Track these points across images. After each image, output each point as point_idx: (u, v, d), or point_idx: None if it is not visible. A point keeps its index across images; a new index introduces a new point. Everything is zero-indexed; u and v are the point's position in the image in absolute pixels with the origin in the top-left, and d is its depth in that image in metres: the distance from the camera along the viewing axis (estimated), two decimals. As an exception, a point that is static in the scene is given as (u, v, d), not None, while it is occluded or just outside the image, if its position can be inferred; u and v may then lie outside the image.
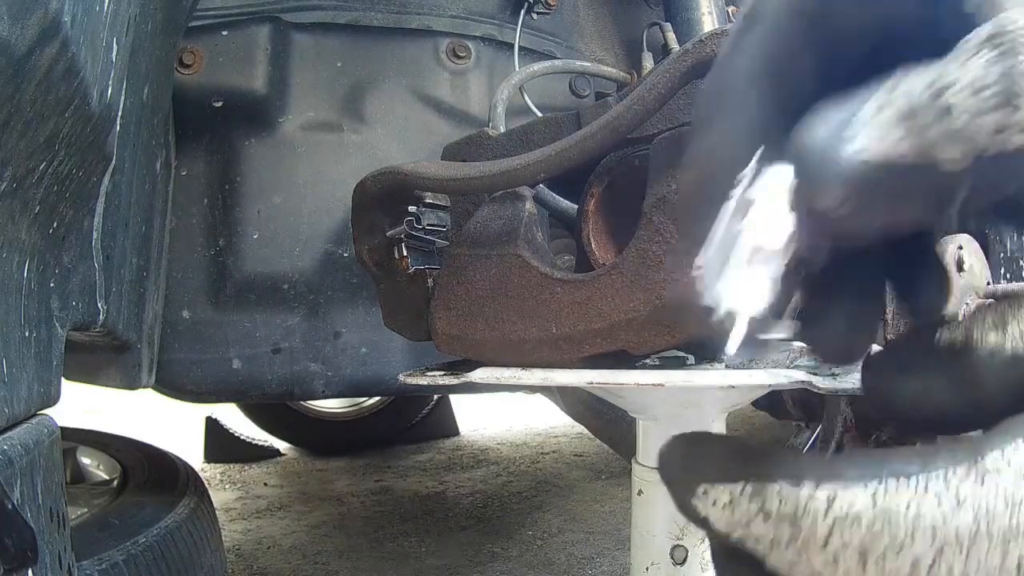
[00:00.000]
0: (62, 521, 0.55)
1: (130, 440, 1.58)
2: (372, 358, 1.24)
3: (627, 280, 0.56)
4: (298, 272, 1.21)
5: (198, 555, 1.14)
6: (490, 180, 0.60)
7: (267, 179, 1.20)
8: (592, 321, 0.57)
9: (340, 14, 1.26)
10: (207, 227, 1.19)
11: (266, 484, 2.82)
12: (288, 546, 2.20)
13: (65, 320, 0.60)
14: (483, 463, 3.00)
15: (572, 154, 0.55)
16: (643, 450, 0.69)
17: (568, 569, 1.99)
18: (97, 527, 1.08)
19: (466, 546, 2.15)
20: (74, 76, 0.50)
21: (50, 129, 0.50)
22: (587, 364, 0.59)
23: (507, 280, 0.62)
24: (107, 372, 0.98)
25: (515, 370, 0.61)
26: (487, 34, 1.32)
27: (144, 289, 0.91)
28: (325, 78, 1.23)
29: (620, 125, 0.53)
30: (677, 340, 0.55)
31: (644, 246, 0.56)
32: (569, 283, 0.59)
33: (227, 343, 1.19)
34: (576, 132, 0.56)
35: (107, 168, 0.64)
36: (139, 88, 0.72)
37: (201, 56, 1.16)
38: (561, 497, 2.55)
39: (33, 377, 0.52)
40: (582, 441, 3.20)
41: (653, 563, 0.67)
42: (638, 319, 0.55)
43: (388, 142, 1.25)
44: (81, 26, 0.49)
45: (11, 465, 0.46)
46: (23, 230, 0.51)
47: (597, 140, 0.54)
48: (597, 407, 1.29)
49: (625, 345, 0.56)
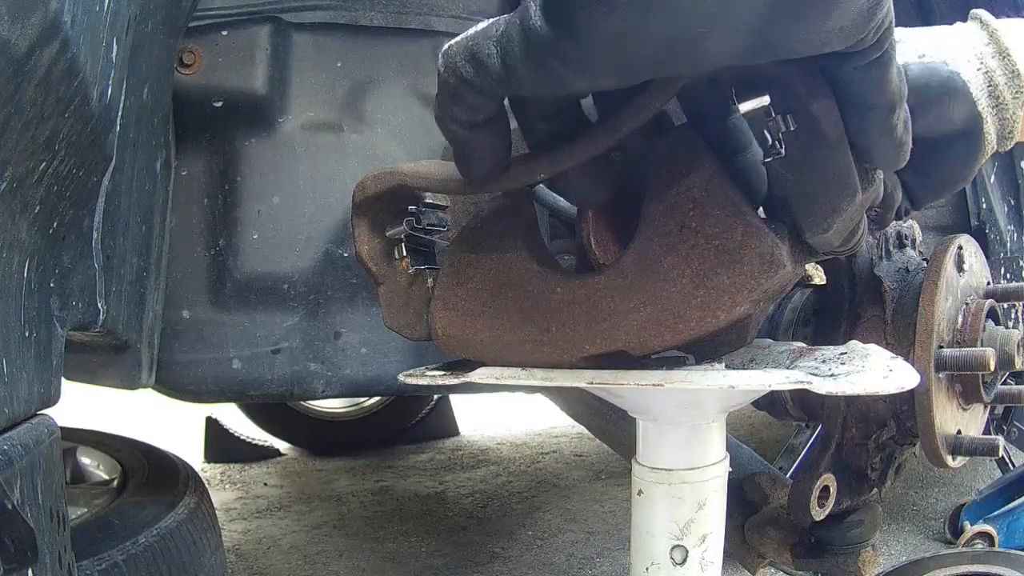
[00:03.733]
0: (62, 521, 0.55)
1: (130, 440, 1.58)
2: (372, 358, 1.24)
3: (628, 281, 0.56)
4: (298, 272, 1.21)
5: (198, 555, 1.14)
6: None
7: (267, 179, 1.20)
8: (592, 321, 0.57)
9: (340, 14, 1.26)
10: (207, 227, 1.19)
11: (266, 484, 2.82)
12: (288, 546, 2.20)
13: (65, 320, 0.60)
14: (483, 463, 3.00)
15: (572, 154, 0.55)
16: (643, 450, 0.69)
17: (568, 569, 1.99)
18: (97, 527, 1.08)
19: (466, 546, 2.15)
20: (74, 76, 0.50)
21: (50, 129, 0.50)
22: (587, 364, 0.59)
23: (508, 280, 0.62)
24: (107, 372, 0.98)
25: (515, 370, 0.61)
26: (487, 34, 1.32)
27: (144, 289, 0.91)
28: (325, 78, 1.23)
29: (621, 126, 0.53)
30: (677, 341, 0.55)
31: (645, 247, 0.56)
32: (569, 283, 0.59)
33: (227, 343, 1.19)
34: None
35: (107, 168, 0.64)
36: (139, 88, 0.72)
37: (201, 56, 1.16)
38: (561, 497, 2.55)
39: (33, 377, 0.52)
40: (582, 441, 3.20)
41: (653, 563, 0.67)
42: (638, 320, 0.55)
43: (388, 142, 1.25)
44: (81, 26, 0.49)
45: (11, 465, 0.46)
46: (23, 230, 0.51)
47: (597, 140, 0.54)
48: (597, 407, 1.29)
49: (625, 346, 0.56)
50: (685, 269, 0.54)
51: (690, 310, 0.54)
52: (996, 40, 0.63)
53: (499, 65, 0.44)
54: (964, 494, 2.16)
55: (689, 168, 0.55)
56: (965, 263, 0.79)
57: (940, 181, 0.65)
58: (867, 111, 0.48)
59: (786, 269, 0.53)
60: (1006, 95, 0.62)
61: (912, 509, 2.31)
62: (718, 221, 0.54)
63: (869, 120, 0.48)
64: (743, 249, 0.53)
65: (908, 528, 2.18)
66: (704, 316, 0.54)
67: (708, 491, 0.66)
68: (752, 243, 0.53)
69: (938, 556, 1.49)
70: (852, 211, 0.53)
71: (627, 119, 0.49)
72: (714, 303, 0.53)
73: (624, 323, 0.56)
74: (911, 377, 0.53)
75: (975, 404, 0.80)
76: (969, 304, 0.79)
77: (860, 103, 0.48)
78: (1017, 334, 0.78)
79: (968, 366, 0.73)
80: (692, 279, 0.54)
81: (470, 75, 0.45)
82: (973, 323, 0.78)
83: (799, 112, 0.49)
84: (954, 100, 0.60)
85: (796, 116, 0.49)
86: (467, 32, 0.47)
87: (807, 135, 0.49)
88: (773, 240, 0.53)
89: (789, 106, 0.49)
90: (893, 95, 0.47)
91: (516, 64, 0.43)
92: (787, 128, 0.49)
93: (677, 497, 0.66)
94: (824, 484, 0.79)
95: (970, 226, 1.64)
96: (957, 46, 0.63)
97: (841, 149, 0.50)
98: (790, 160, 0.51)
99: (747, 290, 0.53)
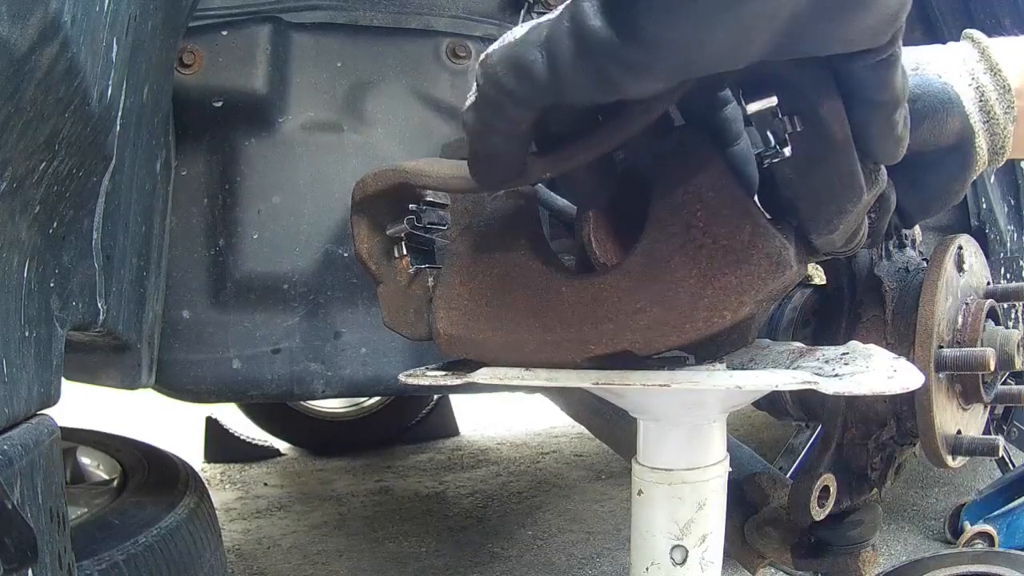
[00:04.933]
0: (62, 521, 0.55)
1: (130, 440, 1.58)
2: (372, 358, 1.24)
3: (634, 281, 0.56)
4: (298, 272, 1.21)
5: (198, 555, 1.14)
6: None
7: (267, 179, 1.20)
8: (598, 322, 0.57)
9: (340, 14, 1.26)
10: (207, 227, 1.19)
11: (266, 484, 2.82)
12: (288, 546, 2.20)
13: (65, 320, 0.60)
14: (483, 463, 3.00)
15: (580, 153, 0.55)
16: (643, 450, 0.69)
17: (568, 569, 1.99)
18: (97, 527, 1.08)
19: (466, 546, 2.15)
20: (74, 76, 0.50)
21: (50, 129, 0.50)
22: (592, 364, 0.59)
23: (511, 280, 0.62)
24: (107, 372, 0.98)
25: (519, 370, 0.61)
26: (487, 34, 1.32)
27: (144, 289, 0.91)
28: (325, 78, 1.23)
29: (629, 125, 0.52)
30: (683, 341, 0.55)
31: (652, 247, 0.56)
32: (575, 283, 0.59)
33: (227, 343, 1.19)
34: None
35: (107, 168, 0.64)
36: (139, 88, 0.72)
37: (201, 56, 1.16)
38: (561, 497, 2.55)
39: (33, 377, 0.52)
40: (582, 441, 3.20)
41: (653, 563, 0.67)
42: (645, 320, 0.55)
43: (388, 142, 1.25)
44: (81, 26, 0.49)
45: (11, 465, 0.46)
46: (23, 230, 0.51)
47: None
48: (597, 407, 1.29)
49: (631, 346, 0.56)
50: (692, 269, 0.54)
51: (697, 310, 0.54)
52: (987, 57, 0.64)
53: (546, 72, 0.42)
54: (964, 494, 2.16)
55: (697, 167, 0.55)
56: (965, 263, 0.79)
57: (932, 196, 0.66)
58: (874, 108, 0.48)
59: (793, 270, 0.53)
60: (997, 110, 0.62)
61: (912, 509, 2.31)
62: (726, 221, 0.54)
63: (875, 116, 0.49)
64: (751, 250, 0.53)
65: (908, 528, 2.18)
66: (711, 316, 0.53)
67: (708, 491, 0.66)
68: (760, 244, 0.53)
69: (938, 556, 1.49)
70: (857, 212, 0.53)
71: (635, 118, 0.49)
72: (721, 303, 0.53)
73: (630, 323, 0.56)
74: (916, 377, 0.52)
75: (975, 404, 0.80)
76: (969, 304, 0.79)
77: (868, 100, 0.48)
78: (1017, 334, 0.78)
79: (968, 366, 0.73)
80: (699, 279, 0.54)
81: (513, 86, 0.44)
82: (973, 323, 0.78)
83: (807, 113, 0.49)
84: (948, 112, 0.61)
85: (803, 117, 0.49)
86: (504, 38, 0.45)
87: (814, 136, 0.49)
88: (781, 241, 0.53)
89: (797, 107, 0.49)
90: (899, 92, 0.48)
91: (566, 70, 0.41)
92: (794, 129, 0.49)
93: (677, 497, 0.66)
94: (824, 484, 0.79)
95: (970, 226, 1.64)
96: (949, 62, 0.64)
97: (848, 151, 0.50)
98: (796, 161, 0.51)
99: (754, 290, 0.53)
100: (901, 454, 0.85)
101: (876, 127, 0.49)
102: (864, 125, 0.49)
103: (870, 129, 0.49)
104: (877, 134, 0.50)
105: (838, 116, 0.48)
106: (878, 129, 0.49)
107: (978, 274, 0.83)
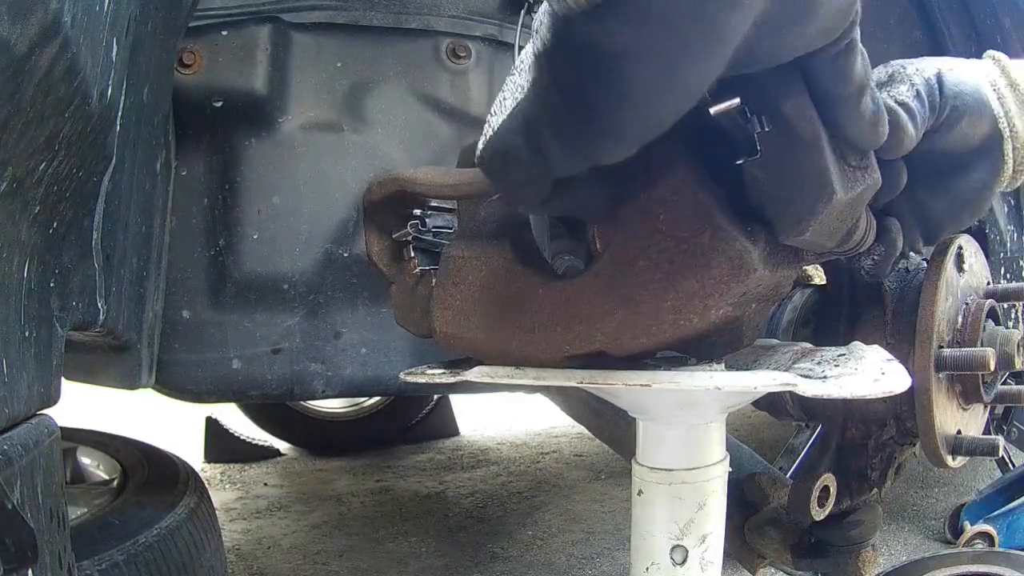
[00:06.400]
0: (62, 521, 0.55)
1: (130, 440, 1.58)
2: (372, 358, 1.24)
3: (603, 283, 0.56)
4: (298, 272, 1.21)
5: (198, 555, 1.14)
6: (479, 186, 0.61)
7: (267, 179, 1.20)
8: (571, 323, 0.58)
9: (340, 14, 1.26)
10: (207, 227, 1.19)
11: (266, 484, 2.82)
12: (288, 546, 2.20)
13: (65, 320, 0.60)
14: (483, 463, 3.00)
15: None
16: (643, 450, 0.69)
17: (568, 569, 1.99)
18: (97, 527, 1.08)
19: (466, 546, 2.15)
20: (74, 76, 0.50)
21: (50, 129, 0.50)
22: (573, 364, 0.59)
23: (495, 281, 0.63)
24: (107, 372, 0.98)
25: (510, 369, 0.62)
26: (487, 34, 1.32)
27: (144, 289, 0.91)
28: (325, 78, 1.23)
29: None
30: (653, 343, 0.55)
31: (619, 250, 0.56)
32: (550, 285, 0.60)
33: (227, 343, 1.19)
34: None
35: (107, 168, 0.64)
36: (139, 88, 0.72)
37: (201, 56, 1.16)
38: (561, 497, 2.55)
39: (33, 377, 0.52)
40: (582, 441, 3.20)
41: (653, 563, 0.67)
42: (613, 322, 0.56)
43: (388, 142, 1.25)
44: (81, 26, 0.49)
45: (11, 465, 0.46)
46: (23, 230, 0.51)
47: None
48: (597, 407, 1.29)
49: (603, 347, 0.57)
50: (656, 273, 0.54)
51: (661, 313, 0.54)
52: (1007, 73, 0.66)
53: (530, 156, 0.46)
54: (964, 494, 2.16)
55: (661, 171, 0.55)
56: (965, 263, 0.79)
57: (962, 203, 0.67)
58: (838, 99, 0.49)
59: (758, 273, 0.52)
60: (1018, 124, 0.64)
61: (912, 509, 2.31)
62: (687, 225, 0.53)
63: (841, 106, 0.49)
64: (712, 253, 0.52)
65: (908, 528, 2.18)
66: (677, 320, 0.53)
67: (708, 491, 0.66)
68: (720, 247, 0.52)
69: (938, 556, 1.49)
70: (833, 213, 0.52)
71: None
72: (685, 307, 0.53)
73: (600, 325, 0.56)
74: (902, 381, 0.52)
75: (975, 404, 0.80)
76: (969, 304, 0.79)
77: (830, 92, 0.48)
78: (1017, 334, 0.78)
79: (968, 366, 0.73)
80: (662, 283, 0.54)
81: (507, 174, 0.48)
82: (973, 323, 0.78)
83: (772, 112, 0.48)
84: (981, 112, 0.63)
85: (770, 116, 0.49)
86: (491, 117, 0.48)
87: (781, 135, 0.49)
88: (743, 244, 0.52)
89: (763, 106, 0.48)
90: (861, 78, 0.48)
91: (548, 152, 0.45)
92: (762, 128, 0.49)
93: (677, 497, 0.66)
94: (824, 484, 0.79)
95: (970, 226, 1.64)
96: (975, 71, 0.66)
97: (815, 149, 0.49)
98: (765, 161, 0.50)
99: (717, 294, 0.52)
100: (901, 454, 0.85)
101: (845, 114, 0.50)
102: (834, 115, 0.50)
103: (841, 117, 0.50)
104: (848, 121, 0.50)
105: (803, 113, 0.48)
106: (848, 117, 0.50)
107: (978, 274, 0.83)
